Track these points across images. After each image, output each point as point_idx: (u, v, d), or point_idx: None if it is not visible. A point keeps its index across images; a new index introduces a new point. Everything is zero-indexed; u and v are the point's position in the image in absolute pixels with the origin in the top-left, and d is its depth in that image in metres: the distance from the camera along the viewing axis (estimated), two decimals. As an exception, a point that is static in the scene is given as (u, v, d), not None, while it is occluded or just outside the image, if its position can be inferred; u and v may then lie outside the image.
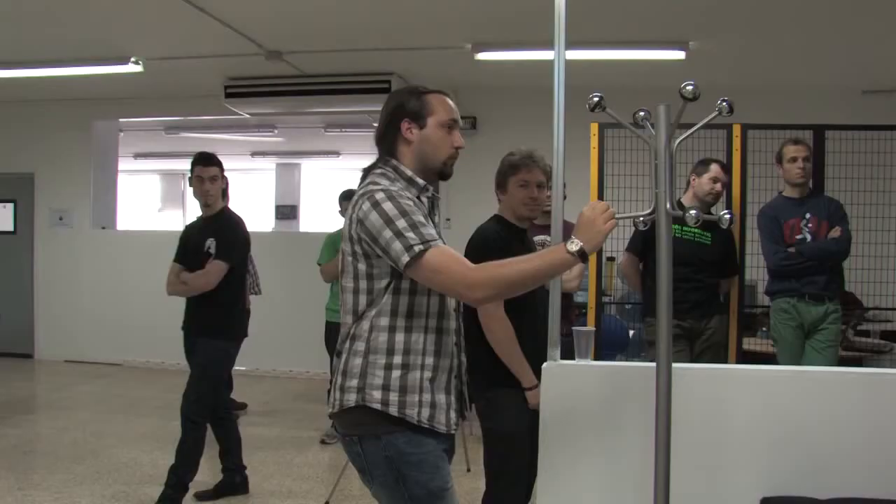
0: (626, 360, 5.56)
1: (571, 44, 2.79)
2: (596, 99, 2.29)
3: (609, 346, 5.71)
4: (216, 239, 4.59)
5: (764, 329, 5.51)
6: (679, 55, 6.77)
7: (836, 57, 7.09)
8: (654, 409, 2.28)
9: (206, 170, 4.60)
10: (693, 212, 2.23)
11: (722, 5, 5.73)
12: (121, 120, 10.16)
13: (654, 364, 2.32)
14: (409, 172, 2.43)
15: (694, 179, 4.76)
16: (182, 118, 10.36)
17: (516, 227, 3.52)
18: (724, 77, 7.29)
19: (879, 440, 2.71)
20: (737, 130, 4.88)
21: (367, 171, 2.49)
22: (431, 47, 6.89)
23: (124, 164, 10.94)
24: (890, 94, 8.14)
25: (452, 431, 2.46)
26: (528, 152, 3.52)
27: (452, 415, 2.45)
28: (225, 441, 4.85)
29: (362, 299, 2.37)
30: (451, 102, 2.51)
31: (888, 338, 6.32)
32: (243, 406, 7.11)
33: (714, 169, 4.69)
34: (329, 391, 2.50)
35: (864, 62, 7.25)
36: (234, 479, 4.84)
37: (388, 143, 2.47)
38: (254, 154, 13.81)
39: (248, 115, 8.93)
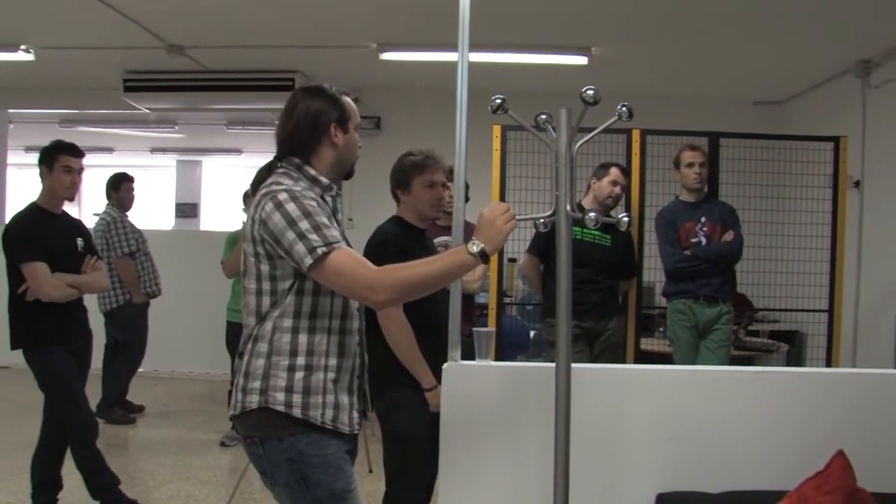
0: (527, 361, 5.62)
1: (476, 46, 2.81)
2: (498, 101, 2.31)
3: (510, 347, 5.76)
4: (87, 237, 4.38)
5: (661, 329, 5.65)
6: (582, 60, 6.88)
7: (730, 69, 7.33)
8: (553, 408, 2.31)
9: (78, 161, 4.24)
10: (592, 214, 2.28)
11: (624, 15, 5.85)
12: (10, 111, 9.76)
13: (553, 364, 2.35)
14: (312, 172, 2.42)
15: (594, 182, 4.85)
16: (78, 111, 10.05)
17: (416, 229, 3.52)
18: (625, 83, 7.43)
19: (768, 435, 2.81)
20: (636, 135, 4.99)
21: (266, 171, 2.47)
22: (336, 46, 6.85)
23: (14, 157, 10.53)
24: (779, 105, 8.48)
25: (355, 432, 2.45)
26: (430, 152, 3.52)
27: (355, 415, 2.45)
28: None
29: (265, 300, 2.35)
30: (354, 106, 2.54)
31: (776, 337, 6.56)
32: (140, 408, 6.94)
33: (614, 172, 4.79)
34: (230, 393, 2.47)
35: (755, 75, 7.52)
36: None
37: (306, 145, 2.43)
38: (154, 150, 13.52)
39: (147, 110, 8.72)
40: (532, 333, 6.18)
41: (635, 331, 5.05)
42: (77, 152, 4.26)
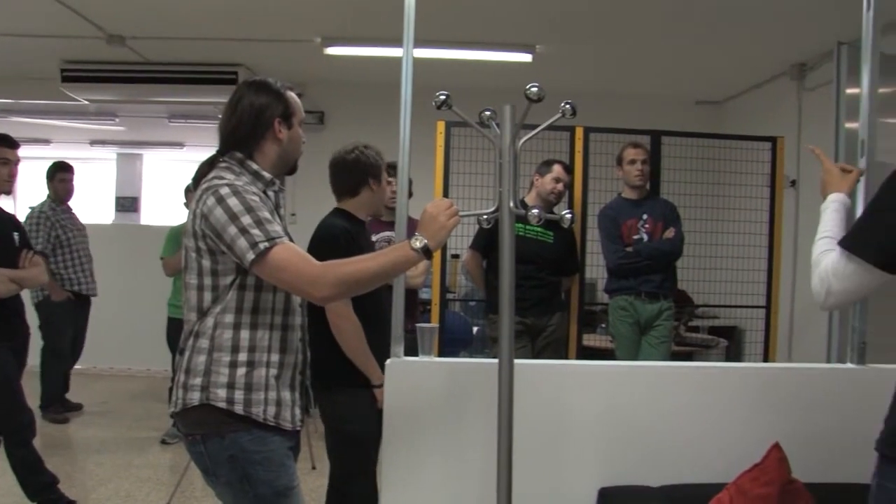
0: (470, 357, 5.63)
1: (421, 42, 2.81)
2: (442, 97, 2.31)
3: (453, 343, 5.77)
4: (22, 231, 4.28)
5: (603, 325, 5.70)
6: (526, 58, 6.92)
7: (673, 68, 7.44)
8: (496, 404, 2.32)
9: (14, 152, 4.16)
10: (535, 210, 2.29)
11: (568, 13, 5.89)
12: (-61, 100, 9.50)
13: (496, 360, 2.36)
14: (254, 166, 2.40)
15: (537, 179, 4.89)
16: (13, 101, 9.81)
17: (361, 222, 3.51)
18: (570, 81, 7.49)
19: (708, 429, 2.85)
20: (579, 133, 5.03)
21: (207, 165, 2.44)
22: (281, 40, 6.79)
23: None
24: (720, 105, 8.63)
25: (298, 428, 2.44)
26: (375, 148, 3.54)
27: (297, 411, 2.43)
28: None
29: (207, 296, 2.32)
30: (299, 102, 2.53)
31: (715, 333, 6.66)
32: (78, 406, 6.82)
33: (556, 170, 4.82)
34: (171, 390, 2.43)
35: (697, 75, 7.65)
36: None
37: (249, 139, 2.41)
38: (93, 143, 13.23)
39: (86, 102, 8.56)
40: (475, 329, 6.19)
41: (577, 327, 5.10)
42: (12, 143, 4.17)
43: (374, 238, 4.76)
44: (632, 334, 4.91)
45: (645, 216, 4.94)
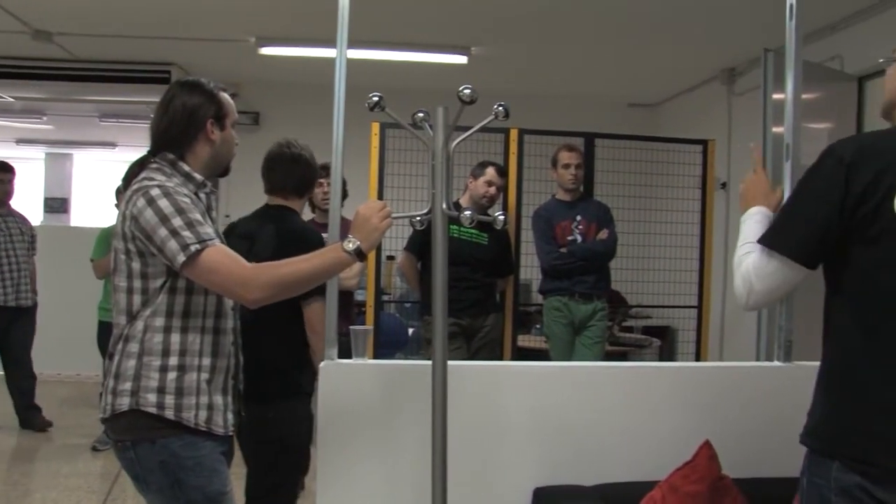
0: (406, 359, 5.63)
1: (356, 43, 2.80)
2: (375, 99, 2.30)
3: (388, 345, 5.77)
4: None
5: (538, 326, 5.74)
6: (461, 60, 6.95)
7: (607, 71, 7.54)
8: (430, 406, 2.32)
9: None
10: (468, 212, 2.29)
11: (503, 15, 5.93)
12: None
13: (430, 362, 2.36)
14: (186, 168, 2.36)
15: (471, 181, 4.90)
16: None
17: None
18: (505, 83, 7.53)
19: (641, 428, 2.88)
20: (514, 135, 5.06)
21: (138, 166, 2.40)
22: (215, 39, 6.71)
23: None
24: (652, 107, 8.77)
25: (230, 433, 2.41)
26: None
27: (230, 416, 2.40)
28: None
29: (136, 299, 2.28)
30: (232, 102, 2.50)
31: (649, 333, 6.75)
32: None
33: (490, 172, 4.84)
34: (101, 395, 2.39)
35: (630, 78, 7.75)
36: None
37: (181, 140, 2.37)
38: (20, 142, 12.96)
39: (11, 99, 8.36)
40: (410, 331, 6.20)
41: (512, 327, 5.13)
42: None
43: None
44: (566, 335, 4.96)
45: (579, 217, 4.99)
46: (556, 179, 5.10)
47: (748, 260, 2.01)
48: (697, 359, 5.39)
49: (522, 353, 5.33)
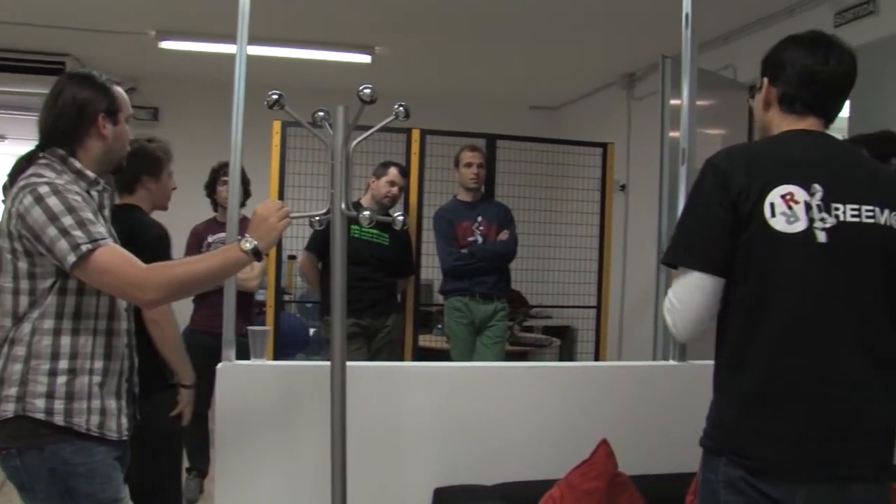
0: (307, 359, 5.57)
1: (258, 40, 2.76)
2: (274, 97, 2.26)
3: (289, 345, 5.70)
4: None
5: (439, 326, 5.75)
6: (365, 59, 6.91)
7: (509, 74, 7.60)
8: (330, 407, 2.30)
9: None
10: (367, 213, 2.27)
11: (406, 15, 5.92)
12: None
13: (328, 363, 2.34)
14: (77, 165, 2.28)
15: (373, 181, 4.87)
16: None
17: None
18: (409, 83, 7.53)
19: (541, 427, 2.91)
20: (415, 135, 5.04)
21: (26, 161, 2.31)
22: (112, 31, 6.47)
23: None
24: (554, 110, 8.89)
25: (124, 438, 2.33)
26: (164, 141, 3.41)
27: (124, 420, 2.33)
28: None
29: (23, 300, 2.18)
30: (126, 96, 2.43)
31: (549, 333, 6.84)
32: None
33: (392, 172, 4.82)
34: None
35: (532, 80, 7.84)
36: None
37: (71, 135, 2.28)
38: None
39: None
40: (312, 331, 6.14)
41: (413, 328, 5.12)
42: None
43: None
44: (466, 335, 4.98)
45: (480, 218, 5.01)
46: (458, 179, 5.13)
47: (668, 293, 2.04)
48: (596, 358, 5.47)
49: (424, 354, 5.32)
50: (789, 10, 5.24)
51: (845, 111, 4.52)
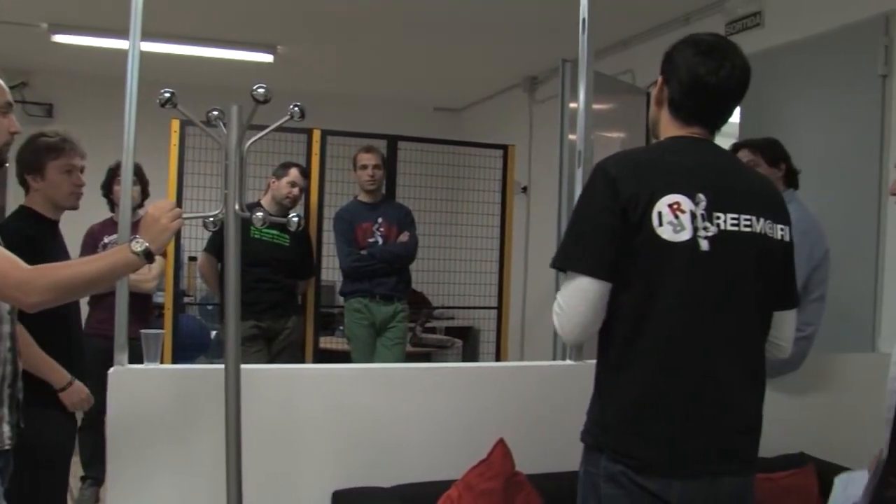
0: (208, 362, 5.47)
1: (156, 36, 2.69)
2: (167, 95, 2.21)
3: (190, 349, 5.58)
4: None
5: (341, 328, 5.72)
6: (267, 58, 6.83)
7: (413, 75, 7.61)
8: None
9: None
10: (259, 214, 2.25)
11: (310, 15, 5.86)
12: None
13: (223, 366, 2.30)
14: None
15: (273, 182, 4.82)
16: None
17: (47, 221, 3.12)
18: (312, 83, 7.48)
19: (440, 428, 2.91)
20: (316, 135, 5.00)
21: None
22: (2, 22, 6.24)
23: None
24: (457, 112, 8.93)
25: (7, 447, 2.26)
26: (65, 134, 3.18)
27: (6, 428, 2.25)
28: None
29: None
30: (3, 84, 2.33)
31: (452, 334, 6.87)
32: None
33: (293, 173, 4.78)
34: None
35: (436, 82, 7.87)
36: None
37: None
38: None
39: None
40: (213, 334, 6.04)
41: (314, 329, 5.08)
42: None
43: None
44: (367, 336, 4.96)
45: (380, 220, 5.01)
46: (356, 181, 5.11)
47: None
48: (497, 359, 5.52)
49: (325, 356, 5.28)
50: (685, 17, 5.38)
51: (736, 117, 4.71)
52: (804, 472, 3.23)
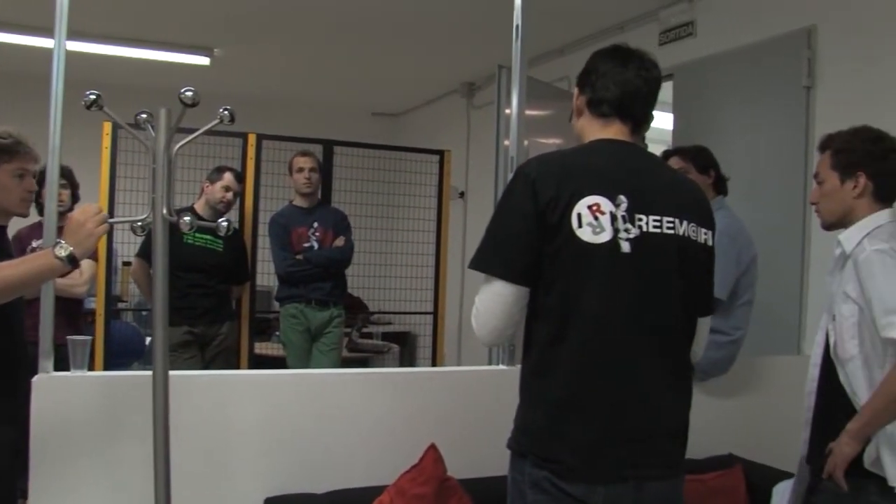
0: (143, 369, 5.38)
1: (88, 35, 2.65)
2: (92, 97, 2.17)
3: (123, 355, 5.48)
4: None
5: (277, 333, 5.69)
6: (204, 60, 6.76)
7: (351, 80, 7.59)
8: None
9: None
10: (186, 218, 2.22)
11: (246, 17, 5.82)
12: None
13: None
14: None
15: (207, 186, 4.77)
16: None
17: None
18: (249, 86, 7.42)
19: (373, 434, 2.91)
20: (251, 140, 4.96)
21: None
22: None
23: None
24: (395, 117, 8.94)
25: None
26: (19, 136, 2.96)
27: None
28: None
29: None
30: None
31: (390, 339, 6.87)
32: None
33: (227, 178, 4.73)
34: None
35: (374, 87, 7.86)
36: None
37: None
38: None
39: None
40: (149, 340, 5.94)
41: (249, 335, 5.03)
42: None
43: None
44: (302, 342, 4.95)
45: (316, 224, 4.99)
46: (292, 185, 5.09)
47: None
48: (434, 364, 5.53)
49: (261, 361, 5.24)
50: (620, 26, 5.46)
51: (669, 124, 4.80)
52: (732, 473, 3.30)
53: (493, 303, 1.97)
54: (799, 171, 4.10)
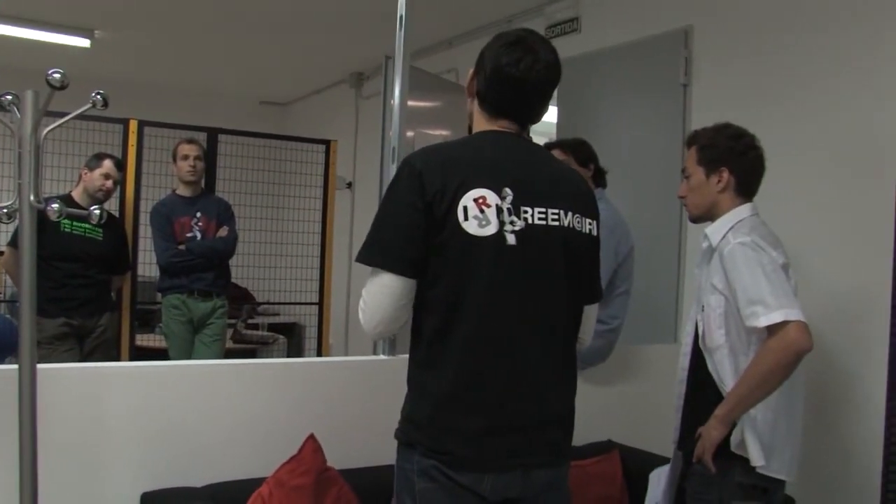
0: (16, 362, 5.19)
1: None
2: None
3: (-1, 349, 5.30)
4: None
5: (160, 325, 5.57)
6: (84, 43, 6.55)
7: (238, 67, 7.49)
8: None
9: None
10: (55, 205, 2.16)
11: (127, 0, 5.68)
12: None
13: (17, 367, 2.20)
14: None
15: (86, 174, 4.63)
16: None
17: None
18: (132, 71, 7.22)
19: (253, 425, 2.88)
20: (133, 126, 4.85)
21: None
22: None
23: None
24: (284, 106, 8.86)
25: None
26: None
27: None
28: None
29: None
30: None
31: (276, 329, 6.81)
32: None
33: (106, 165, 4.60)
34: None
35: (261, 75, 7.77)
36: None
37: None
38: None
39: None
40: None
41: (130, 326, 4.93)
42: None
43: None
44: (185, 333, 4.86)
45: (199, 214, 4.89)
46: (176, 173, 4.99)
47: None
48: (319, 354, 5.51)
49: (142, 353, 5.13)
50: (507, 19, 5.52)
51: (553, 117, 4.88)
52: (610, 458, 3.40)
53: (380, 295, 1.96)
54: (676, 165, 4.20)
